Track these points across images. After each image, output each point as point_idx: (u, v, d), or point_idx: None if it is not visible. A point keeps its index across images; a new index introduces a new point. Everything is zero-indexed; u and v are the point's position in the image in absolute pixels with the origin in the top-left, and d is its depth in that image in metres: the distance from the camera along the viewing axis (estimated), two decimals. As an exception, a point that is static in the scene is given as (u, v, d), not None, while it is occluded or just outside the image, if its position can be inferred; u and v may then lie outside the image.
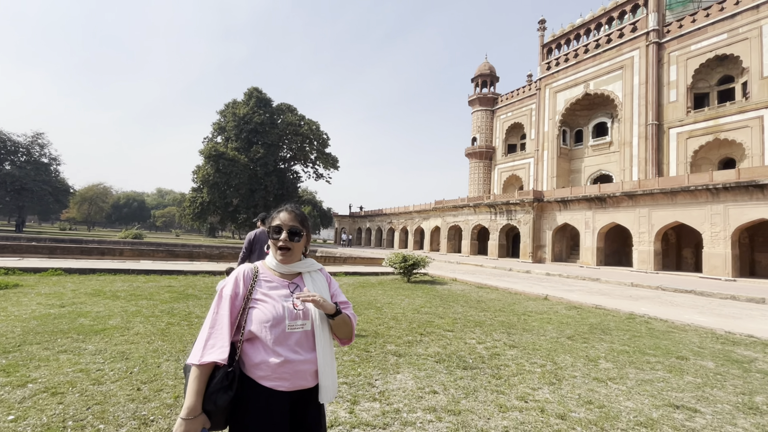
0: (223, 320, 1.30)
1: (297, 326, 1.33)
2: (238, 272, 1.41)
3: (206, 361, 1.21)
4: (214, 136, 43.58)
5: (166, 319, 5.23)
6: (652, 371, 4.02)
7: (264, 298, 1.35)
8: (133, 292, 7.13)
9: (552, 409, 2.98)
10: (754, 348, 5.17)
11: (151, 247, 18.21)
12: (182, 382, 3.15)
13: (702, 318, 7.19)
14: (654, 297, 10.33)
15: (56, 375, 3.15)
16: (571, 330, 5.80)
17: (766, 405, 3.24)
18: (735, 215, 16.03)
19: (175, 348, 4.03)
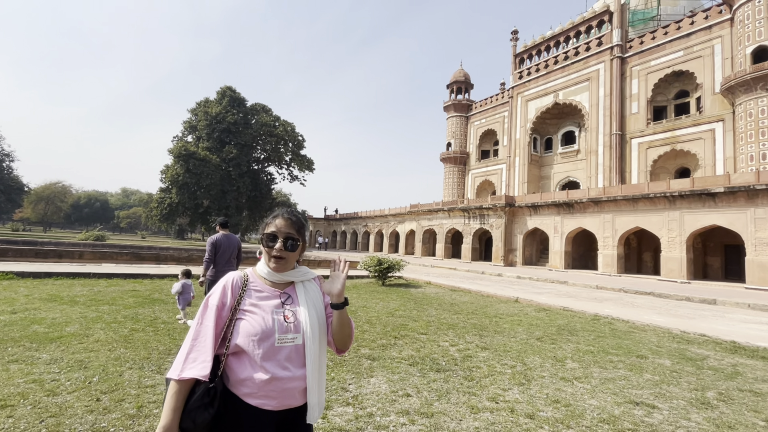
0: (207, 332, 1.20)
1: (287, 340, 1.23)
2: (227, 280, 1.30)
3: (186, 376, 1.13)
4: (185, 135, 42.21)
5: (129, 325, 5.00)
6: (615, 370, 4.21)
7: (253, 309, 1.25)
8: (93, 297, 6.77)
9: (521, 409, 3.06)
10: (706, 346, 5.51)
11: (115, 249, 17.37)
12: (146, 392, 3.02)
13: (660, 318, 7.59)
14: (617, 299, 10.82)
15: (6, 387, 2.94)
16: (540, 331, 5.98)
17: (716, 400, 3.46)
18: (690, 221, 17.06)
19: (138, 355, 3.85)
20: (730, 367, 4.53)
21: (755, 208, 15.16)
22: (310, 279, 1.40)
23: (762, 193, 14.95)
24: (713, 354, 5.10)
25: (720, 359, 4.85)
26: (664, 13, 27.26)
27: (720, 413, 3.16)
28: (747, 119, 18.80)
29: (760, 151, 18.19)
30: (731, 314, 8.88)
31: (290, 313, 1.28)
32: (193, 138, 41.52)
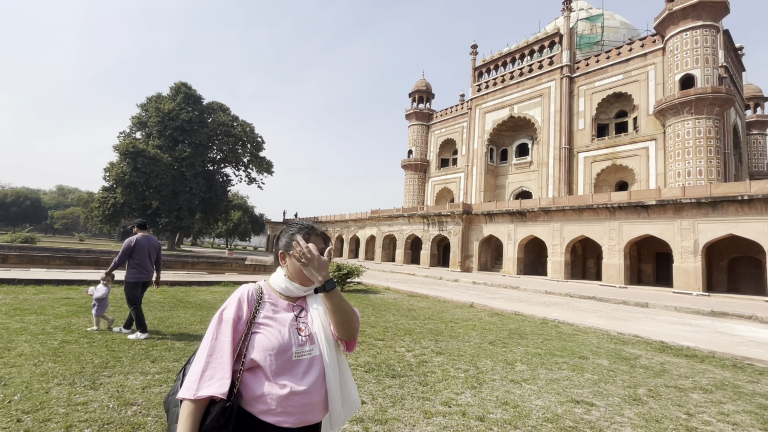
0: (224, 347, 1.14)
1: (305, 353, 1.20)
2: (242, 293, 1.25)
3: (203, 395, 1.06)
4: (133, 132, 39.59)
5: (60, 337, 4.57)
6: (559, 371, 4.46)
7: (268, 322, 1.21)
8: (18, 306, 6.13)
9: (472, 412, 3.15)
10: (638, 346, 5.98)
11: (46, 252, 15.87)
12: (76, 410, 2.78)
13: (600, 321, 8.15)
14: (564, 303, 11.48)
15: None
16: (493, 336, 6.20)
17: (646, 396, 3.76)
18: (627, 231, 18.53)
19: (69, 370, 3.53)
20: (658, 365, 4.95)
21: (681, 220, 16.77)
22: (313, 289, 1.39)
23: (687, 207, 16.58)
24: (644, 353, 5.54)
25: (650, 358, 5.28)
26: (606, 39, 29.65)
27: (649, 408, 3.44)
28: (675, 139, 20.83)
29: (686, 168, 20.20)
30: (660, 316, 9.73)
31: (304, 325, 1.25)
32: (142, 135, 39.04)
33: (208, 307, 7.16)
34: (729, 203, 15.54)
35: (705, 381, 4.36)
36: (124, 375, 3.50)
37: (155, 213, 37.63)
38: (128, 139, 35.87)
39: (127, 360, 3.91)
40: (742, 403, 3.73)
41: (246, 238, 62.69)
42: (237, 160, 42.95)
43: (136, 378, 3.44)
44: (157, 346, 4.44)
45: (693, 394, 3.89)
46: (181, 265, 15.60)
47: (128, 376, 3.47)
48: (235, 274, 13.86)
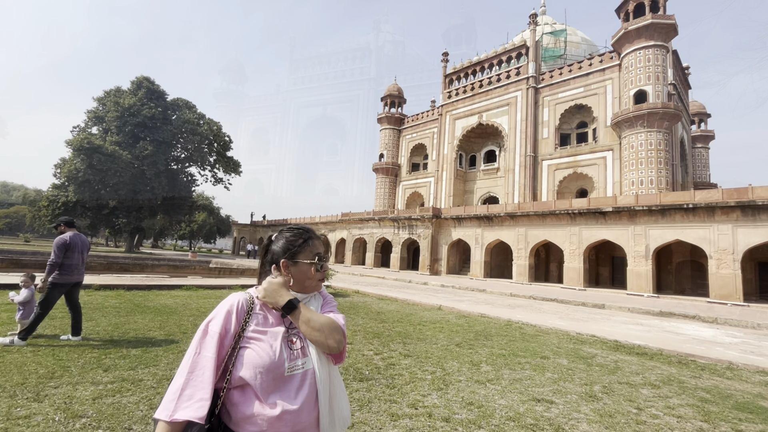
0: (206, 364, 1.04)
1: (297, 368, 1.11)
2: (231, 303, 1.15)
3: (179, 419, 0.97)
4: (89, 126, 37.29)
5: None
6: (522, 371, 4.61)
7: (258, 336, 1.12)
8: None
9: (438, 413, 3.20)
10: (595, 346, 6.30)
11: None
12: (17, 424, 2.58)
13: (561, 322, 8.51)
14: (527, 305, 11.89)
15: None
16: (460, 337, 6.32)
17: (601, 392, 3.96)
18: (586, 236, 19.49)
19: (10, 381, 3.27)
20: (612, 363, 5.22)
21: (634, 226, 17.84)
22: (310, 297, 1.29)
23: (639, 214, 17.66)
24: (600, 352, 5.84)
25: (605, 356, 5.57)
26: (569, 53, 31.20)
27: (603, 404, 3.63)
28: (630, 150, 22.17)
29: (639, 177, 21.53)
30: (615, 317, 10.28)
31: (296, 337, 1.16)
32: (99, 130, 36.87)
33: (168, 312, 6.85)
34: (676, 211, 16.70)
35: (654, 377, 4.65)
36: (73, 385, 3.28)
37: (112, 213, 35.59)
38: (83, 134, 33.74)
39: (76, 369, 3.67)
40: (686, 397, 4.00)
41: (211, 240, 60.52)
42: (202, 160, 41.42)
43: (86, 388, 3.23)
44: (110, 354, 4.20)
45: (643, 390, 4.14)
46: (139, 268, 14.84)
47: (77, 387, 3.25)
48: (198, 278, 13.34)
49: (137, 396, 3.14)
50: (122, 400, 3.03)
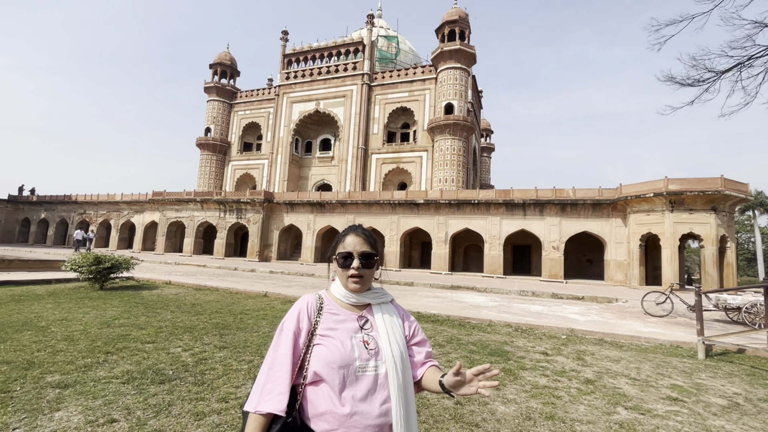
0: (283, 360, 1.11)
1: (369, 369, 1.12)
2: (302, 304, 1.21)
3: (262, 410, 1.04)
4: None
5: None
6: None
7: (330, 333, 1.15)
8: None
9: (251, 402, 3.09)
10: (402, 318, 7.29)
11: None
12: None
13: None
14: (351, 287, 12.80)
15: None
16: (283, 322, 6.28)
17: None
18: (404, 223, 22.33)
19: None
20: (413, 331, 6.16)
21: (438, 216, 21.46)
22: (387, 302, 1.31)
23: (443, 206, 21.33)
24: (406, 323, 6.80)
25: (409, 326, 6.53)
26: (399, 59, 34.62)
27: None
28: (439, 152, 26.40)
29: (444, 176, 25.93)
30: (421, 292, 12.18)
31: (369, 338, 1.18)
32: None
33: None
34: (467, 205, 20.91)
35: (441, 338, 5.72)
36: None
37: None
38: None
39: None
40: (461, 351, 5.08)
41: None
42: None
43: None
44: None
45: (433, 350, 5.03)
46: None
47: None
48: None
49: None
50: None
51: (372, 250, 1.27)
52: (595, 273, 21.72)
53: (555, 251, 19.17)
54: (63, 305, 6.82)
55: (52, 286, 9.13)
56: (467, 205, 20.91)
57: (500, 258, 20.04)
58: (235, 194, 26.40)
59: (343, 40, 32.19)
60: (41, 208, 34.90)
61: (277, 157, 32.31)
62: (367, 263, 1.24)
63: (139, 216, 30.41)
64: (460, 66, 26.75)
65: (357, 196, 23.59)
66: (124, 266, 9.52)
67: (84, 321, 5.65)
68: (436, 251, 21.27)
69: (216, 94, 35.78)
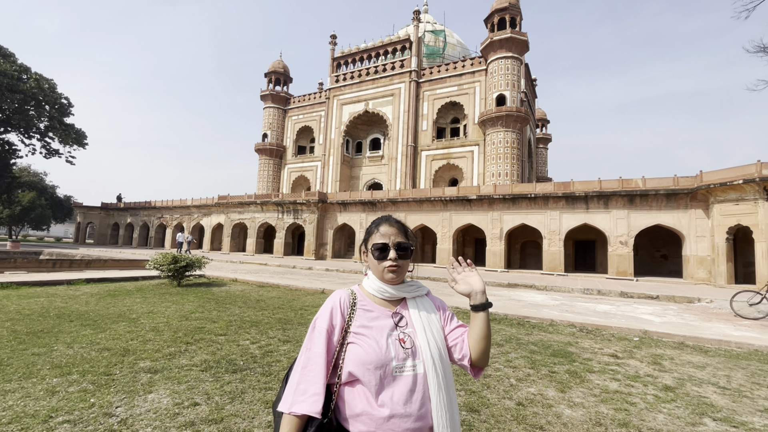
0: (317, 360, 1.06)
1: (407, 368, 1.07)
2: (334, 300, 1.16)
3: (297, 412, 1.00)
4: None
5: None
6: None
7: (364, 331, 1.10)
8: None
9: (314, 394, 3.24)
10: (457, 316, 7.18)
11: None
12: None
13: (432, 298, 9.46)
14: (404, 284, 12.86)
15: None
16: (341, 318, 6.48)
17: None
18: (456, 220, 21.94)
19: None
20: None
21: (492, 212, 20.80)
22: (423, 294, 1.24)
23: (497, 201, 20.63)
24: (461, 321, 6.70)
25: (465, 324, 6.42)
26: (447, 53, 34.02)
27: (460, 365, 4.19)
28: (492, 146, 25.56)
29: (497, 170, 25.06)
30: (476, 290, 11.89)
31: (404, 335, 1.12)
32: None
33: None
34: (523, 199, 20.03)
35: (499, 338, 5.56)
36: None
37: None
38: None
39: None
40: (521, 350, 4.91)
41: (43, 226, 48.79)
42: (27, 125, 32.72)
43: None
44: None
45: (491, 349, 4.91)
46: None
47: None
48: (21, 273, 10.67)
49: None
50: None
51: (407, 240, 1.22)
52: (672, 270, 19.77)
53: (623, 246, 17.72)
54: (149, 300, 7.63)
55: (138, 283, 10.24)
56: (523, 200, 20.04)
57: (561, 254, 18.96)
58: (292, 196, 27.67)
59: (390, 39, 32.32)
60: (127, 214, 39.24)
61: (329, 158, 33.33)
62: (404, 254, 1.19)
63: (207, 218, 33.03)
64: (512, 55, 25.65)
65: (408, 194, 23.62)
66: (197, 265, 10.41)
67: (166, 314, 6.28)
68: (490, 248, 20.66)
69: (271, 101, 37.75)
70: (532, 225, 19.99)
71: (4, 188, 34.16)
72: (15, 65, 30.54)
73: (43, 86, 31.29)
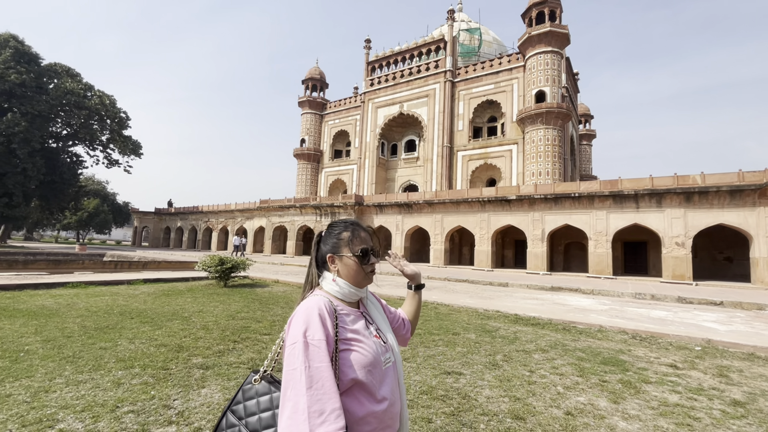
0: (324, 374, 0.94)
1: (388, 361, 1.15)
2: (320, 308, 1.06)
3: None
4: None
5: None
6: (435, 347, 4.94)
7: (356, 336, 1.10)
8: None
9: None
10: (499, 320, 7.01)
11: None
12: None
13: (471, 301, 9.28)
14: (442, 286, 12.72)
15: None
16: (379, 320, 6.52)
17: (502, 360, 4.44)
18: (494, 221, 21.39)
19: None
20: (512, 334, 5.88)
21: (533, 212, 20.07)
22: (369, 293, 1.33)
23: (537, 201, 19.89)
24: (503, 326, 6.52)
25: (507, 329, 6.24)
26: (482, 51, 33.37)
27: (503, 371, 4.08)
28: (531, 144, 24.71)
29: (538, 169, 24.17)
30: (516, 293, 11.54)
31: (377, 332, 1.19)
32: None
33: (47, 315, 5.90)
34: (566, 199, 19.17)
35: (544, 343, 5.35)
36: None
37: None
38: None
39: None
40: (567, 357, 4.69)
41: (105, 230, 53.15)
42: (92, 138, 35.82)
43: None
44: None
45: (535, 355, 4.74)
46: (6, 265, 12.48)
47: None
48: (89, 273, 11.67)
49: (4, 414, 2.67)
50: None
51: (377, 245, 1.31)
52: (737, 274, 18.13)
53: (679, 248, 16.47)
54: (198, 299, 8.07)
55: (189, 283, 10.87)
56: (566, 199, 19.18)
57: (608, 256, 17.93)
58: (329, 199, 28.25)
59: (424, 39, 32.20)
60: (177, 218, 41.80)
61: (364, 161, 33.70)
62: (376, 258, 1.29)
63: (249, 222, 34.47)
64: (551, 49, 24.70)
65: (444, 195, 23.36)
66: (241, 266, 10.88)
67: (215, 313, 6.62)
68: (531, 250, 19.94)
69: (308, 107, 38.82)
70: (576, 226, 19.08)
71: (73, 196, 37.55)
72: (81, 84, 33.57)
73: (105, 102, 34.14)
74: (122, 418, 2.67)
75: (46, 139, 32.62)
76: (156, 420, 2.69)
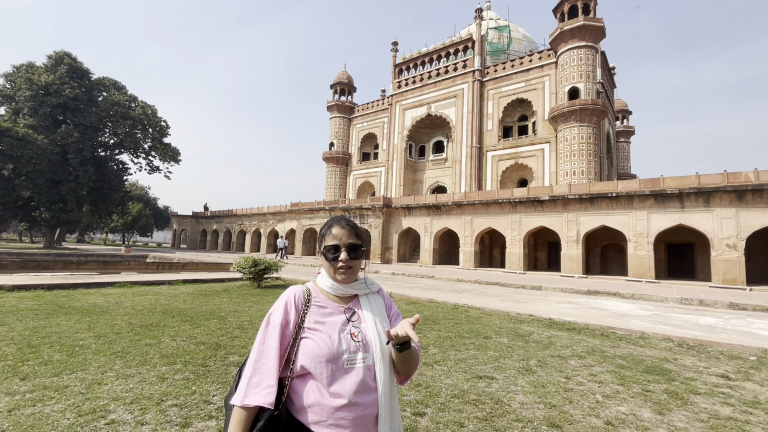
0: (270, 353, 1.10)
1: (357, 360, 1.13)
2: (288, 296, 1.20)
3: (249, 404, 1.03)
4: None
5: None
6: (467, 351, 4.87)
7: (317, 326, 1.15)
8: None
9: (387, 396, 3.29)
10: (532, 324, 6.81)
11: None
12: None
13: (502, 304, 9.08)
14: (472, 289, 12.51)
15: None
16: (409, 323, 6.50)
17: (536, 366, 4.32)
18: (526, 223, 20.82)
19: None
20: (546, 339, 5.69)
21: (567, 213, 19.36)
22: (374, 291, 1.32)
23: (572, 202, 19.18)
24: (537, 330, 6.33)
25: (540, 333, 6.06)
26: (512, 49, 32.65)
27: (537, 376, 3.96)
28: (564, 143, 23.88)
29: (572, 168, 23.32)
30: (550, 297, 11.17)
31: (356, 330, 1.19)
32: (7, 110, 32.43)
33: (99, 312, 6.31)
34: (602, 199, 18.37)
35: (580, 349, 5.15)
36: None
37: (27, 204, 31.69)
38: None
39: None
40: (606, 364, 4.49)
41: (148, 233, 56.21)
42: (136, 146, 38.09)
43: (0, 399, 2.91)
44: (29, 361, 3.80)
45: (571, 361, 4.57)
46: (62, 265, 13.46)
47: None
48: (134, 274, 12.38)
49: (62, 404, 2.88)
50: (44, 410, 2.77)
51: (358, 241, 1.27)
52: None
53: (731, 250, 15.37)
54: (234, 300, 8.37)
55: (224, 284, 11.29)
56: (603, 199, 18.38)
57: (650, 259, 17.00)
58: (357, 201, 28.51)
59: (451, 40, 31.91)
60: (213, 221, 43.54)
61: (392, 163, 33.78)
62: (355, 255, 1.24)
63: (281, 224, 35.37)
64: (585, 44, 23.80)
65: (473, 197, 23.00)
66: (274, 268, 11.19)
67: (249, 313, 6.84)
68: (566, 252, 19.24)
69: (337, 111, 39.41)
70: (614, 227, 18.22)
71: (119, 201, 40.02)
72: (126, 96, 35.78)
73: (147, 112, 36.20)
74: (167, 411, 2.82)
75: (95, 148, 34.99)
76: (197, 414, 2.82)
